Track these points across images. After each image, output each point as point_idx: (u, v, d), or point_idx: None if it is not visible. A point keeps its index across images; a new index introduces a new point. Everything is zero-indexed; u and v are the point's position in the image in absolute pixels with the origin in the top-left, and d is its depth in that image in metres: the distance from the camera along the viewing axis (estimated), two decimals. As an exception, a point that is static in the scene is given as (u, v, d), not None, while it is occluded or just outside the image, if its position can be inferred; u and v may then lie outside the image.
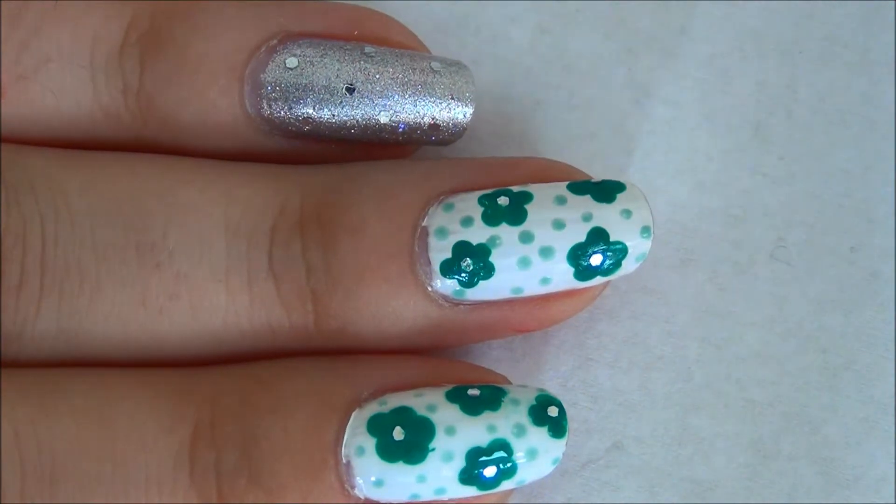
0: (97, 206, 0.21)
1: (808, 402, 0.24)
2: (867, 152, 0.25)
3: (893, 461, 0.24)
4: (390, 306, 0.22)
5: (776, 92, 0.26)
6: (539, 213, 0.21)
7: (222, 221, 0.22)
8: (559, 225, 0.21)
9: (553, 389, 0.24)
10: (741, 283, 0.24)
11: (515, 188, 0.22)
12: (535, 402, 0.21)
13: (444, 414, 0.21)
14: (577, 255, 0.21)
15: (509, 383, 0.22)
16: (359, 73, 0.22)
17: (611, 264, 0.22)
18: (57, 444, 0.20)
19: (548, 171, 0.22)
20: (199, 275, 0.21)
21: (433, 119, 0.23)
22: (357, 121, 0.22)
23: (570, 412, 0.24)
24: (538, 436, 0.21)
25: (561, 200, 0.22)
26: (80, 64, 0.22)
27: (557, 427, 0.21)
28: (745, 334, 0.24)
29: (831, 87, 0.26)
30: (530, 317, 0.22)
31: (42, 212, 0.21)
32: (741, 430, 0.24)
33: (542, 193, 0.22)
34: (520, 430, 0.21)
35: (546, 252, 0.21)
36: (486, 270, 0.21)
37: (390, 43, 0.23)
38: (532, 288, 0.22)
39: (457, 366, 0.22)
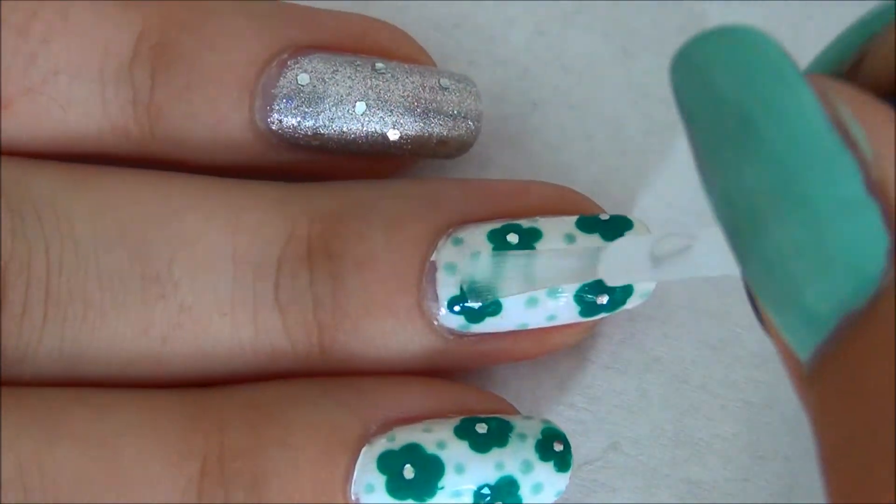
0: (102, 234, 0.21)
1: (805, 404, 0.24)
2: (865, 154, 0.25)
3: (890, 462, 0.24)
4: (396, 340, 0.22)
5: (774, 93, 0.25)
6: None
7: (229, 251, 0.21)
8: None
9: (550, 390, 0.24)
10: (738, 284, 0.24)
11: (525, 223, 0.22)
12: (541, 437, 0.21)
13: (454, 451, 0.21)
14: (584, 295, 0.22)
15: (515, 412, 0.22)
16: (370, 90, 0.22)
17: (615, 302, 0.22)
18: (61, 477, 0.20)
19: (557, 201, 0.22)
20: (203, 306, 0.21)
21: (441, 136, 0.23)
22: (366, 137, 0.23)
23: (567, 413, 0.24)
24: (544, 471, 0.21)
25: (570, 239, 0.22)
26: (90, 77, 0.22)
27: (562, 461, 0.21)
28: (743, 336, 0.24)
29: (829, 88, 0.25)
30: (533, 347, 0.23)
31: (47, 239, 0.21)
32: (738, 432, 0.24)
33: (552, 231, 0.22)
34: (527, 467, 0.21)
35: (554, 292, 0.22)
36: (494, 307, 0.22)
37: (398, 56, 0.23)
38: (537, 323, 0.22)
39: (463, 394, 0.22)
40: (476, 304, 0.21)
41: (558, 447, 0.21)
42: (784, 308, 0.15)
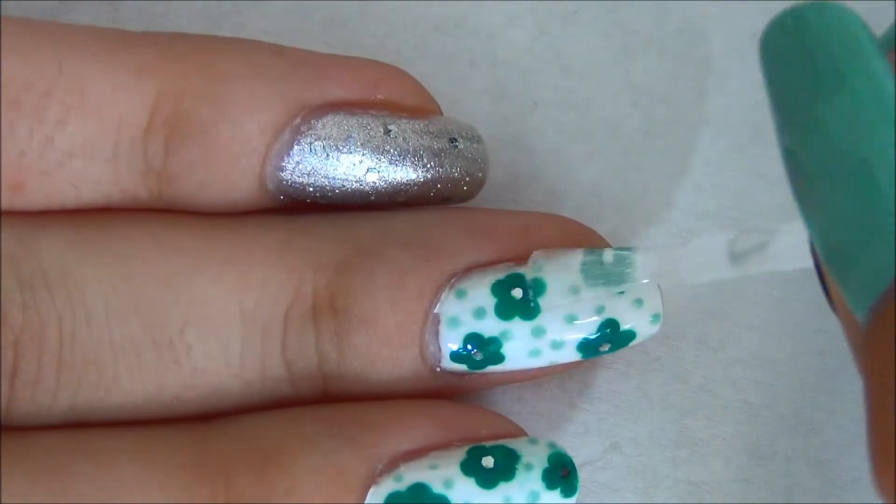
0: (113, 302, 0.21)
1: (805, 404, 0.24)
2: (865, 154, 0.25)
3: (890, 462, 0.24)
4: (398, 385, 0.22)
5: (774, 93, 0.25)
6: (552, 308, 0.22)
7: (238, 312, 0.22)
8: (571, 319, 0.22)
9: (551, 391, 0.24)
10: (738, 284, 0.24)
11: (528, 273, 0.22)
12: (547, 464, 0.21)
13: (461, 490, 0.21)
14: (587, 345, 0.22)
15: (520, 432, 0.22)
16: (381, 156, 0.23)
17: (617, 346, 0.22)
18: None
19: (561, 239, 0.22)
20: (215, 369, 0.22)
21: (447, 192, 0.23)
22: (374, 197, 0.23)
23: (567, 413, 0.24)
24: (551, 498, 0.21)
25: (574, 291, 0.22)
26: (104, 157, 0.22)
27: (569, 487, 0.21)
28: (742, 336, 0.24)
29: (829, 88, 0.25)
30: (532, 376, 0.23)
31: (59, 311, 0.21)
32: (738, 432, 0.24)
33: (556, 284, 0.22)
34: (533, 497, 0.21)
35: (557, 344, 0.22)
36: (496, 359, 0.22)
37: (408, 107, 0.23)
38: (539, 367, 0.22)
39: (467, 419, 0.22)
40: (479, 357, 0.22)
41: (564, 474, 0.21)
42: (844, 269, 0.16)
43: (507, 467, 0.21)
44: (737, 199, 0.25)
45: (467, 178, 0.23)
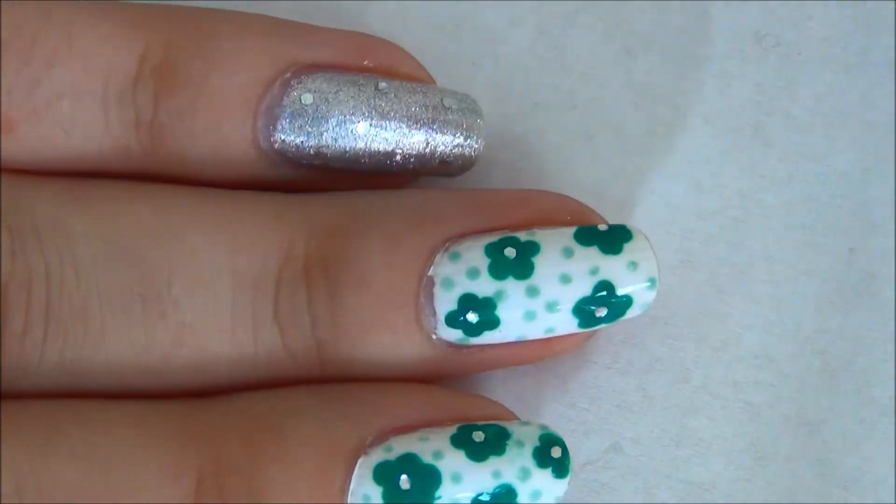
0: (102, 254, 0.21)
1: (806, 404, 0.24)
2: (866, 154, 0.25)
3: (892, 463, 0.24)
4: (394, 354, 0.22)
5: (775, 93, 0.25)
6: (546, 267, 0.22)
7: (227, 270, 0.22)
8: (566, 279, 0.22)
9: (552, 391, 0.24)
10: (739, 284, 0.24)
11: (522, 236, 0.22)
12: (538, 443, 0.21)
13: (451, 461, 0.21)
14: (583, 308, 0.22)
15: (512, 417, 0.22)
16: (373, 110, 0.22)
17: (615, 314, 0.22)
18: (58, 495, 0.20)
19: (556, 211, 0.22)
20: (203, 325, 0.22)
21: (443, 156, 0.23)
22: (368, 156, 0.23)
23: (568, 413, 0.24)
24: (542, 478, 0.21)
25: (568, 253, 0.22)
26: (93, 100, 0.22)
27: (560, 467, 0.21)
28: (744, 336, 0.24)
29: (830, 88, 0.25)
30: (532, 355, 0.23)
31: (47, 260, 0.21)
32: (739, 432, 0.24)
33: (549, 245, 0.22)
34: (524, 474, 0.21)
35: (552, 306, 0.22)
36: (492, 322, 0.22)
37: (400, 74, 0.23)
38: (536, 335, 0.22)
39: (461, 400, 0.22)
40: (474, 319, 0.22)
41: (556, 453, 0.21)
42: None
43: (497, 442, 0.21)
44: (737, 199, 0.25)
45: (462, 141, 0.23)
